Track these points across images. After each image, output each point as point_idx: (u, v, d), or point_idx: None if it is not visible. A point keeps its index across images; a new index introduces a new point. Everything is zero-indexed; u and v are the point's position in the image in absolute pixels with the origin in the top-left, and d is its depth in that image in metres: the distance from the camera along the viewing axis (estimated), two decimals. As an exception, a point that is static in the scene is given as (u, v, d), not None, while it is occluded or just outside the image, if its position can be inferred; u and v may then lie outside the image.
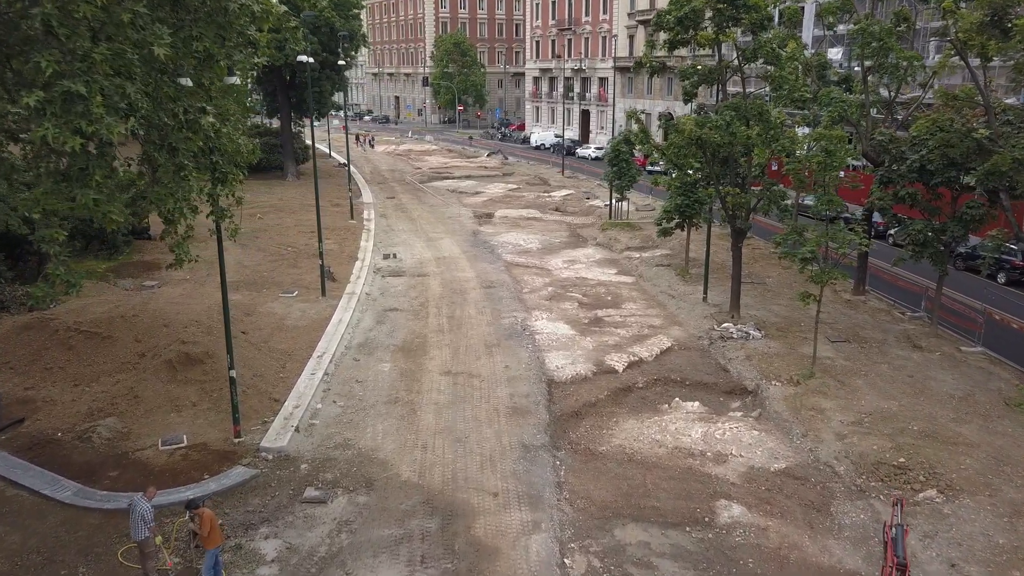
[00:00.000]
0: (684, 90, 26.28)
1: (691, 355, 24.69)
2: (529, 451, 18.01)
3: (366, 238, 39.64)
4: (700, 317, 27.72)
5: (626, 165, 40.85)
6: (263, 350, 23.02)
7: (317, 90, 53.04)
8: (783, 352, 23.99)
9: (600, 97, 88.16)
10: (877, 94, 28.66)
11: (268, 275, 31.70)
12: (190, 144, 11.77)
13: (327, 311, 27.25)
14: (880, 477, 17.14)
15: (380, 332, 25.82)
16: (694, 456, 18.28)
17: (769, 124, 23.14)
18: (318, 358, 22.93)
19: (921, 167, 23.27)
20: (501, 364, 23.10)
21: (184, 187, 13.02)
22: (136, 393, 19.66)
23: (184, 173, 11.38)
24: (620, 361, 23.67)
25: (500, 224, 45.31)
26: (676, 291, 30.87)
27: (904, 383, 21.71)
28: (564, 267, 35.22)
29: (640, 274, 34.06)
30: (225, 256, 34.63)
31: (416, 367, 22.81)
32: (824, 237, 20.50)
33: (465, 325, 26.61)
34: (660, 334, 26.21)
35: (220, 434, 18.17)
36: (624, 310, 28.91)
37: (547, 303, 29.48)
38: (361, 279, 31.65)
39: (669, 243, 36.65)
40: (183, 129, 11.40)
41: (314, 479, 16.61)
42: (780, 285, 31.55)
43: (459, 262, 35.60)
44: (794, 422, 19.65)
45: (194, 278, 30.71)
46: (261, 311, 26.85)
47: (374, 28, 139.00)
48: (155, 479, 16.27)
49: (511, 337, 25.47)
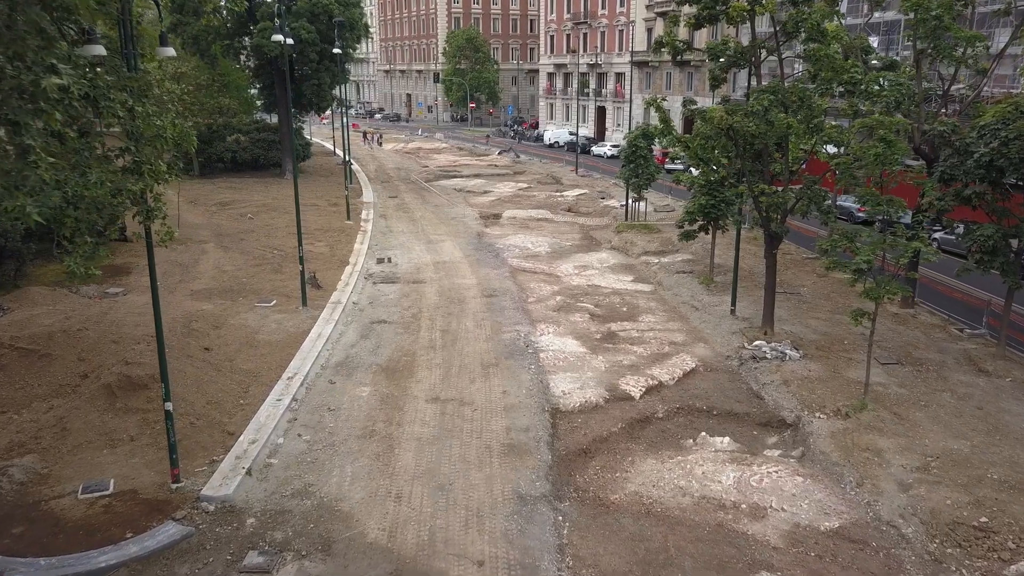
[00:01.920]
0: (711, 74, 23.02)
1: (719, 378, 21.44)
2: (526, 503, 14.86)
3: (361, 240, 36.64)
4: (728, 333, 24.43)
5: (644, 162, 37.60)
6: (225, 371, 20.01)
7: (316, 83, 50.19)
8: (826, 376, 20.68)
9: (616, 93, 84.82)
10: (930, 81, 25.24)
11: (247, 281, 28.74)
12: (45, 118, 8.74)
13: (306, 323, 24.23)
14: (958, 542, 13.85)
15: (363, 348, 22.75)
16: (726, 509, 15.07)
17: (812, 111, 19.89)
18: (288, 380, 19.90)
19: (990, 162, 19.87)
20: (498, 389, 19.96)
21: (72, 180, 10.02)
22: (65, 424, 16.73)
23: (34, 158, 8.40)
24: (637, 385, 20.47)
25: (507, 225, 42.19)
26: (700, 302, 27.58)
27: (973, 416, 18.35)
28: (575, 273, 32.03)
29: (659, 282, 30.80)
30: (204, 260, 31.95)
31: (399, 392, 19.72)
32: (881, 245, 17.18)
33: (460, 340, 23.50)
34: (682, 352, 22.98)
35: (156, 478, 15.17)
36: (641, 323, 25.68)
37: (555, 315, 26.31)
38: (350, 286, 28.63)
39: (691, 247, 33.28)
40: (22, 97, 8.40)
41: (260, 539, 13.55)
42: (817, 296, 28.15)
43: (460, 267, 32.50)
44: (846, 466, 16.37)
45: (165, 284, 27.81)
46: (232, 323, 23.87)
47: (385, 24, 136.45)
48: (66, 537, 13.31)
49: (512, 355, 22.33)
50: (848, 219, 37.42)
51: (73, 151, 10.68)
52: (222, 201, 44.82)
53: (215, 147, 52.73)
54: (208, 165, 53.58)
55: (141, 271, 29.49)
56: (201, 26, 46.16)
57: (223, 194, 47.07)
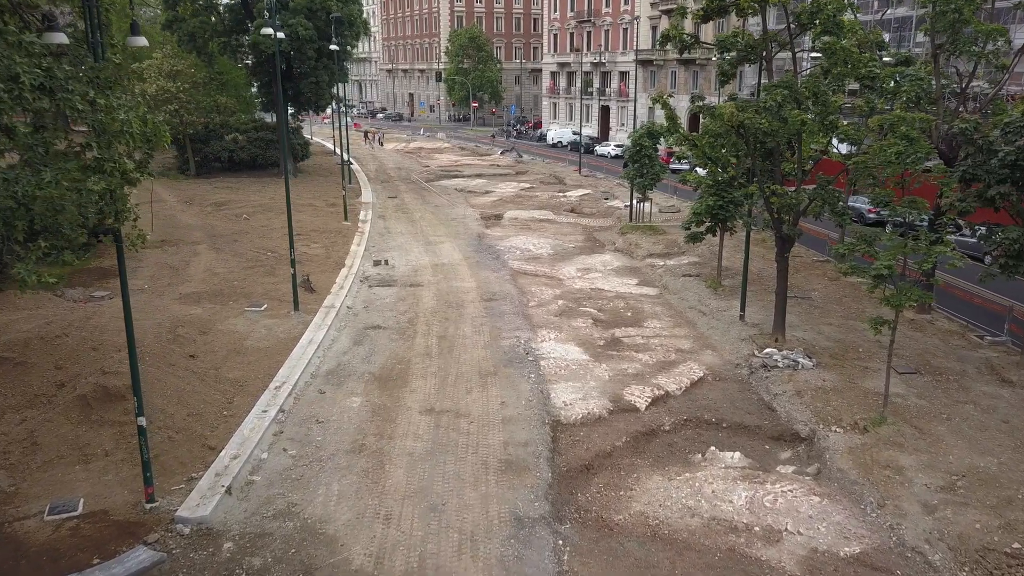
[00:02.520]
0: (720, 69, 21.99)
1: (728, 388, 20.43)
2: (524, 526, 13.87)
3: (358, 242, 35.68)
4: (737, 339, 23.42)
5: (648, 162, 36.60)
6: (209, 380, 19.06)
7: (313, 81, 49.23)
8: (841, 386, 19.65)
9: (620, 92, 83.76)
10: (948, 78, 24.20)
11: (239, 284, 27.79)
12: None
13: (297, 329, 23.28)
14: (989, 570, 12.85)
15: (356, 356, 21.79)
16: (737, 532, 14.07)
17: (827, 107, 18.86)
18: (275, 390, 18.95)
19: (1015, 162, 18.83)
20: (496, 400, 18.98)
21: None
22: (36, 438, 15.78)
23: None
24: (642, 396, 19.47)
25: (509, 226, 41.20)
26: (707, 306, 26.56)
27: (999, 431, 17.31)
28: (577, 276, 31.03)
29: (664, 285, 29.78)
30: (196, 262, 30.99)
31: (392, 402, 18.75)
32: (902, 249, 16.15)
33: (458, 347, 22.52)
34: (690, 360, 21.98)
35: (130, 496, 14.22)
36: (647, 329, 24.67)
37: (556, 320, 25.32)
38: (344, 290, 27.66)
39: (697, 249, 32.24)
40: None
41: (237, 566, 12.59)
42: (828, 301, 27.10)
43: (459, 270, 31.51)
44: (865, 485, 15.35)
45: (154, 288, 26.98)
46: (220, 329, 22.93)
47: (388, 23, 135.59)
48: (28, 563, 12.37)
49: (511, 363, 21.35)
50: (859, 220, 36.34)
51: (25, 147, 9.73)
52: (218, 201, 43.89)
53: (212, 146, 51.80)
54: (205, 164, 52.65)
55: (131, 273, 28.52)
56: (196, 23, 45.23)
57: (219, 194, 46.14)
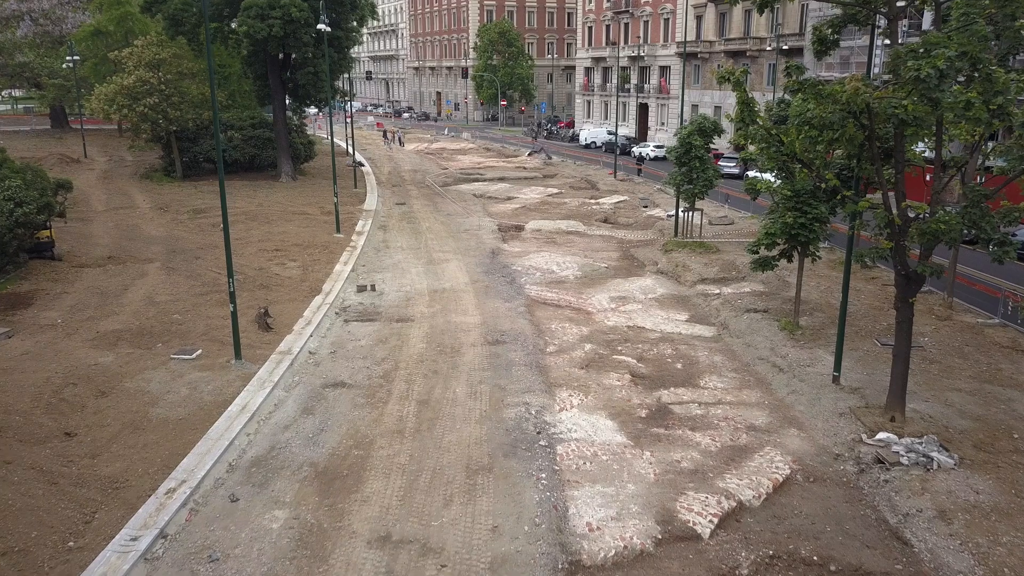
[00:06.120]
0: (816, 35, 15.54)
1: (829, 497, 13.90)
2: None
3: (346, 260, 29.65)
4: (833, 413, 16.82)
5: (700, 164, 30.09)
6: (68, 482, 13.07)
7: (312, 71, 43.44)
8: (1006, 505, 13.03)
9: (661, 88, 76.95)
10: None
11: (179, 319, 21.89)
12: None
13: (231, 388, 17.28)
14: None
15: (299, 433, 15.65)
16: None
17: (992, 82, 12.32)
18: (165, 496, 12.91)
19: None
20: (485, 522, 12.68)
21: None
22: None
23: None
24: (705, 512, 13.06)
25: (530, 240, 34.90)
26: (784, 358, 19.96)
27: None
28: (611, 308, 24.63)
29: (723, 323, 23.22)
30: (137, 286, 25.06)
31: (331, 522, 12.57)
32: None
33: (443, 420, 16.30)
34: (768, 446, 15.51)
35: None
36: (704, 391, 18.24)
37: (581, 374, 18.99)
38: (311, 326, 21.63)
39: (761, 274, 25.47)
40: None
41: None
42: (947, 351, 20.30)
43: (462, 298, 25.28)
44: None
45: (68, 323, 21.21)
46: (126, 388, 17.03)
47: (415, 19, 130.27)
48: None
49: (515, 450, 15.05)
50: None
51: None
52: (197, 208, 38.24)
53: (201, 145, 46.29)
54: (194, 165, 47.17)
55: (52, 302, 22.88)
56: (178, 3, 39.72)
57: (202, 199, 40.50)
